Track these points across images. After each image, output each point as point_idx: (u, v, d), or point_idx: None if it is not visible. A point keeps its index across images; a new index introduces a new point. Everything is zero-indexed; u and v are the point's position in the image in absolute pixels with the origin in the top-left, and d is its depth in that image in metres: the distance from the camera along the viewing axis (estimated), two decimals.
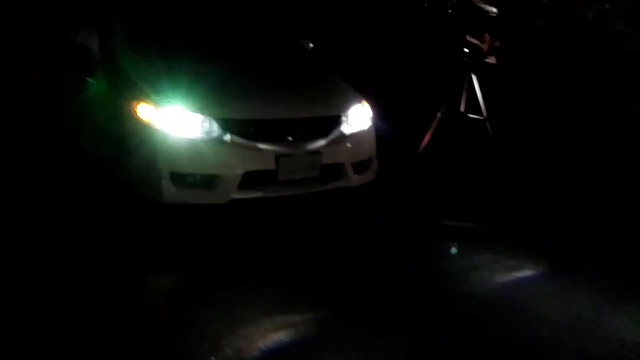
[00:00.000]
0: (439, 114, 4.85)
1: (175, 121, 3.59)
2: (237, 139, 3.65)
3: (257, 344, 2.57)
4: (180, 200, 3.62)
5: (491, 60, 4.85)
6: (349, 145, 4.08)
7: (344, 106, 4.20)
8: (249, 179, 3.66)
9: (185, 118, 3.60)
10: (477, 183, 4.73)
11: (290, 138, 3.82)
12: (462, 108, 4.92)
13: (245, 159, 3.65)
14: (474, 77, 4.88)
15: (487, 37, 4.77)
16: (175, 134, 3.57)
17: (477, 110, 4.93)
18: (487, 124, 4.95)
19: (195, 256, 3.40)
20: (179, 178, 3.57)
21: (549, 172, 5.07)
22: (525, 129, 5.45)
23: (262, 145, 3.71)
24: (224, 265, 3.32)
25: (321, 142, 3.94)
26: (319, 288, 3.18)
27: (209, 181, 3.61)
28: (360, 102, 4.37)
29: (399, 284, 3.28)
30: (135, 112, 3.66)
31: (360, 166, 4.22)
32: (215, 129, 3.62)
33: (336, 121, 4.10)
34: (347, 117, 4.15)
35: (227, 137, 3.63)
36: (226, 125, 3.64)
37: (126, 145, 3.74)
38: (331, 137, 4.01)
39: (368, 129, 4.35)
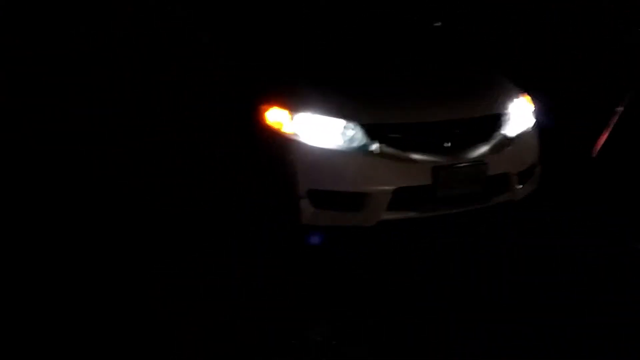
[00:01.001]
0: (619, 109, 3.99)
1: (313, 128, 3.00)
2: (387, 149, 3.00)
3: None
4: (320, 222, 3.04)
5: None
6: (513, 150, 3.33)
7: (504, 101, 3.44)
8: (401, 197, 3.02)
9: (325, 124, 3.00)
10: None
11: (448, 144, 3.16)
12: None
13: (397, 172, 3.00)
14: None
15: None
16: (314, 144, 2.98)
17: None
18: None
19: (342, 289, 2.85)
20: (318, 196, 2.99)
21: None
22: None
23: (416, 156, 3.04)
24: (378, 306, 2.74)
25: (484, 149, 3.22)
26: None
27: (354, 200, 2.99)
28: (519, 95, 3.62)
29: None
30: (264, 118, 3.13)
31: (524, 175, 3.48)
32: (360, 136, 3.00)
33: (498, 121, 3.35)
34: (508, 115, 3.41)
35: (375, 146, 3.00)
36: (373, 131, 3.00)
37: (252, 157, 3.23)
38: (494, 141, 3.28)
39: (531, 128, 3.59)
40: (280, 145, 3.04)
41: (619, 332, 2.54)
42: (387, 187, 2.98)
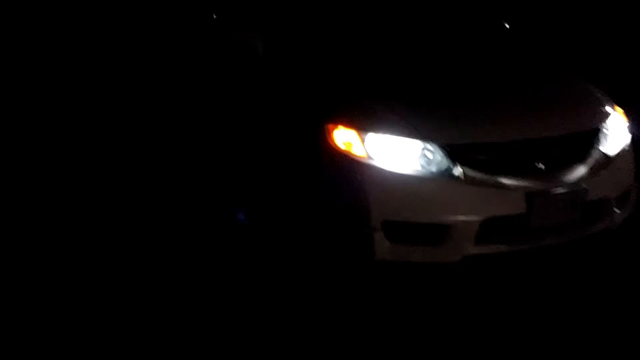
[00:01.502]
0: None
1: (387, 151, 2.63)
2: (473, 173, 2.60)
3: None
4: (395, 257, 2.65)
5: None
6: (612, 171, 2.88)
7: (599, 115, 3.01)
8: (490, 228, 2.62)
9: (400, 146, 2.62)
10: None
11: (541, 166, 2.76)
12: None
13: (485, 200, 2.60)
14: None
15: None
16: (389, 168, 2.60)
17: None
18: None
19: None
20: (394, 228, 2.60)
21: None
22: None
23: (506, 180, 2.64)
24: None
25: (581, 170, 2.80)
26: None
27: (435, 232, 2.60)
28: (613, 107, 3.19)
29: None
30: (330, 139, 2.75)
31: (621, 198, 3.02)
32: (442, 159, 2.61)
33: (594, 138, 2.93)
34: (605, 131, 2.98)
35: (458, 170, 2.61)
36: (456, 153, 2.61)
37: (312, 183, 2.84)
38: (592, 161, 2.85)
39: (628, 145, 3.15)
40: (349, 170, 2.66)
41: None
42: (474, 218, 2.58)
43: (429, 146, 2.61)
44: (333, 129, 2.74)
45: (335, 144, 2.73)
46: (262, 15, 3.46)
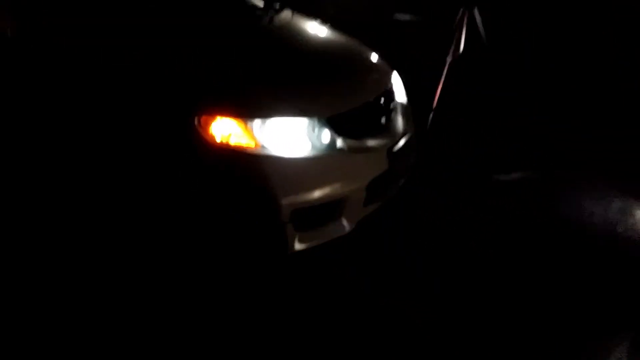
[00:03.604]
0: (449, 58, 4.28)
1: (277, 136, 2.40)
2: (350, 142, 2.62)
3: None
4: (307, 245, 2.52)
5: None
6: (408, 119, 3.38)
7: (390, 73, 3.39)
8: (370, 190, 2.74)
9: (289, 128, 2.43)
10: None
11: (383, 120, 2.96)
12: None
13: (365, 165, 2.68)
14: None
15: None
16: (285, 155, 2.39)
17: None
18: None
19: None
20: (302, 216, 2.46)
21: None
22: None
23: (371, 142, 2.78)
24: None
25: (400, 120, 3.17)
26: None
27: (334, 208, 2.57)
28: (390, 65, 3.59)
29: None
30: (207, 133, 2.33)
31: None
32: (327, 133, 2.54)
33: (394, 92, 3.33)
34: (396, 84, 3.40)
35: (340, 141, 2.60)
36: (335, 125, 2.58)
37: (197, 188, 2.38)
38: (401, 111, 3.26)
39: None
40: (242, 165, 2.34)
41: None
42: (362, 184, 2.65)
43: (315, 122, 2.51)
44: (209, 121, 2.33)
45: (214, 138, 2.33)
46: None
